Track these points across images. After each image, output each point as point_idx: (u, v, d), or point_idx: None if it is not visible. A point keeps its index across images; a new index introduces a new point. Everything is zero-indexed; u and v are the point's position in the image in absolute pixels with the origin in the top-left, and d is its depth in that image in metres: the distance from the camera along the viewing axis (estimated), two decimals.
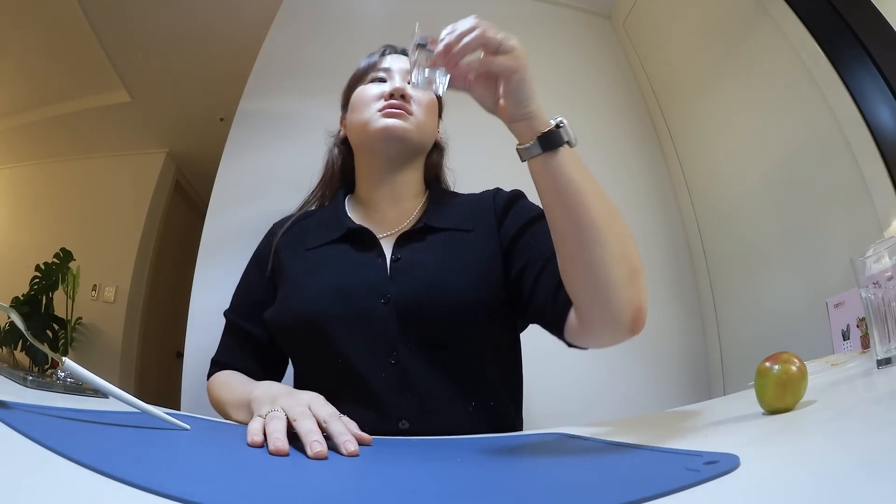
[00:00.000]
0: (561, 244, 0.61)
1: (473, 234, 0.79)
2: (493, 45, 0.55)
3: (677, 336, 1.41)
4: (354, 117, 0.84)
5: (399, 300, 0.72)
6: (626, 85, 1.65)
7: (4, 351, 2.26)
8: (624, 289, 0.58)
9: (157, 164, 2.80)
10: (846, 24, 1.08)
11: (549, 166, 0.58)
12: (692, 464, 0.36)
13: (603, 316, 0.60)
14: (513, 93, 0.56)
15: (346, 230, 0.80)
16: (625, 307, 0.59)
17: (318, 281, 0.76)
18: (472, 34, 0.54)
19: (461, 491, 0.38)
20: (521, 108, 0.57)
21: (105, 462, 0.32)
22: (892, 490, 0.28)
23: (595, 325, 0.62)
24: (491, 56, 0.54)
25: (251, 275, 0.86)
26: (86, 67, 2.19)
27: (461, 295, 0.72)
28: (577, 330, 0.64)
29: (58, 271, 2.49)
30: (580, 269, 0.60)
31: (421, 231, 0.79)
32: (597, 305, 0.60)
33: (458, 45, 0.53)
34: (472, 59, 0.55)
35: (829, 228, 1.11)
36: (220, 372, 0.81)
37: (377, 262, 0.76)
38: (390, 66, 0.86)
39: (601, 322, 0.61)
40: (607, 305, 0.59)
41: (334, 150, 0.93)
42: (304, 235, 0.84)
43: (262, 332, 0.80)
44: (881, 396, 0.59)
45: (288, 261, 0.81)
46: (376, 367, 0.70)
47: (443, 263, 0.75)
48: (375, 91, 0.83)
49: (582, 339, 0.65)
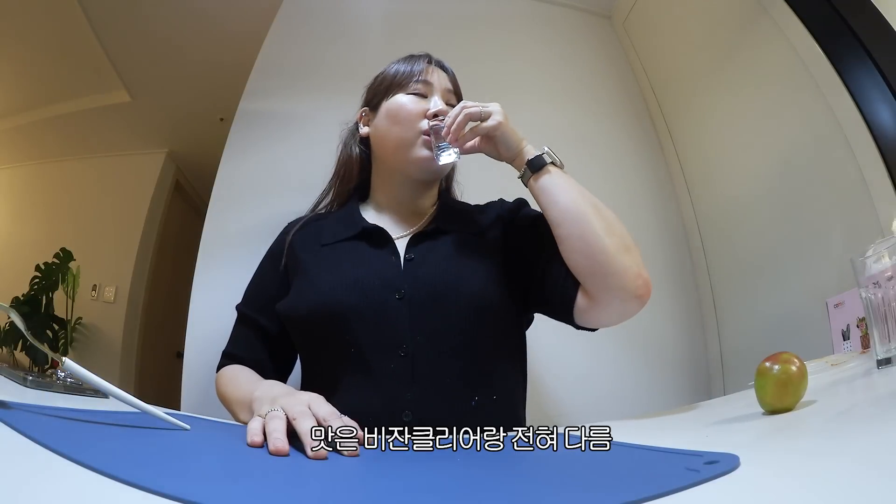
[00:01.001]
0: (559, 233, 0.73)
1: (482, 238, 0.83)
2: (477, 116, 0.76)
3: (677, 336, 1.41)
4: (392, 130, 0.84)
5: (412, 295, 0.74)
6: (626, 85, 1.65)
7: (4, 351, 2.26)
8: (620, 255, 0.70)
9: (157, 164, 2.79)
10: (846, 24, 1.08)
11: (539, 182, 0.75)
12: (692, 464, 0.36)
13: (606, 282, 0.70)
14: (501, 142, 0.77)
15: (360, 229, 0.83)
16: (626, 272, 0.69)
17: (334, 273, 0.78)
18: (460, 116, 0.75)
19: (461, 490, 0.38)
20: (512, 150, 0.78)
21: (105, 462, 0.32)
22: (893, 490, 0.28)
23: (601, 295, 0.71)
24: (479, 124, 0.76)
25: (265, 270, 0.88)
26: (86, 67, 2.18)
27: (472, 293, 0.75)
28: (586, 307, 0.73)
29: (58, 271, 2.48)
30: (577, 244, 0.72)
31: (433, 233, 0.83)
32: (598, 274, 0.70)
33: (454, 126, 0.75)
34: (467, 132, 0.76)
35: (829, 228, 1.11)
36: (228, 366, 0.82)
37: (391, 260, 0.79)
38: (434, 81, 0.86)
39: (606, 290, 0.71)
40: (608, 270, 0.70)
41: (355, 148, 0.92)
42: (319, 233, 0.85)
43: (274, 326, 0.82)
44: (881, 396, 0.59)
45: (304, 255, 0.83)
46: (386, 358, 0.72)
47: (454, 263, 0.79)
48: (417, 108, 0.83)
49: (592, 315, 0.74)
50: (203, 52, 2.11)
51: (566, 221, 0.72)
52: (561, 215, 0.73)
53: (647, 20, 1.61)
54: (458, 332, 0.74)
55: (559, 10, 1.66)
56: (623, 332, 1.29)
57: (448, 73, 0.90)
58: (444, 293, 0.75)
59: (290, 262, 0.84)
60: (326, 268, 0.79)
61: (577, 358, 1.27)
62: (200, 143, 2.41)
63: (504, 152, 0.78)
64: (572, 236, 0.72)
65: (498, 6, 1.59)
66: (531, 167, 0.76)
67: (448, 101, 0.86)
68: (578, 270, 0.72)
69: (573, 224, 0.72)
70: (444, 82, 0.87)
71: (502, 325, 0.79)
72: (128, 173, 2.77)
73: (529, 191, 0.77)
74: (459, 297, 0.74)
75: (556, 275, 0.75)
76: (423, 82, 0.85)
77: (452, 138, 0.76)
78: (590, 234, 0.71)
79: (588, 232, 0.71)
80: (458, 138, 0.76)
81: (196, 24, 2.00)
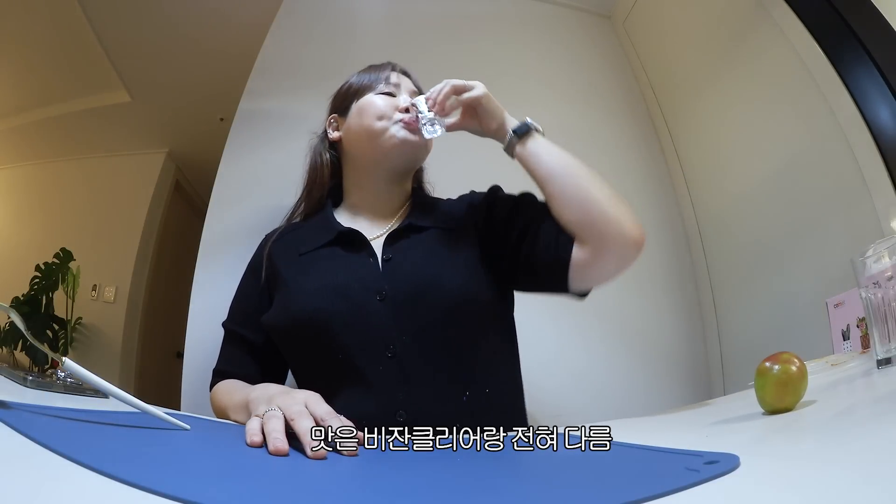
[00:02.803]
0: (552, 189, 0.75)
1: (456, 232, 0.83)
2: (460, 88, 0.78)
3: (677, 336, 1.41)
4: (365, 122, 0.85)
5: (394, 296, 0.74)
6: (626, 85, 1.65)
7: (4, 351, 2.26)
8: (612, 204, 0.72)
9: (157, 164, 2.79)
10: (846, 24, 1.08)
11: (527, 146, 0.77)
12: (692, 464, 0.36)
13: (606, 229, 0.71)
14: (485, 112, 0.79)
15: (336, 233, 0.82)
16: (623, 217, 0.72)
17: (313, 281, 0.77)
18: (445, 88, 0.78)
19: (461, 490, 0.38)
20: (495, 119, 0.79)
21: (105, 462, 0.32)
22: (892, 490, 0.28)
23: (600, 244, 0.72)
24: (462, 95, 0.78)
25: (246, 285, 0.88)
26: (86, 67, 2.18)
27: (452, 287, 0.75)
28: (584, 262, 0.73)
29: (58, 271, 2.49)
30: (572, 196, 0.73)
31: (406, 230, 0.83)
32: (598, 223, 0.72)
33: (440, 96, 0.78)
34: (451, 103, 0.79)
35: (829, 228, 1.11)
36: (221, 382, 0.81)
37: (369, 262, 0.79)
38: (399, 82, 0.89)
39: (604, 238, 0.71)
40: (606, 217, 0.71)
41: (325, 154, 0.93)
42: (296, 242, 0.85)
43: (261, 338, 0.82)
44: (881, 396, 0.59)
45: (282, 266, 0.82)
46: (374, 360, 0.72)
47: (432, 259, 0.79)
48: (390, 103, 0.85)
49: (592, 270, 0.74)
50: (203, 52, 2.11)
51: (558, 176, 0.74)
52: (552, 172, 0.74)
53: (647, 20, 1.61)
54: (442, 329, 0.74)
55: (559, 10, 1.66)
56: (623, 332, 1.30)
57: (412, 78, 0.93)
58: (424, 291, 0.74)
59: (269, 274, 0.84)
60: (306, 277, 0.79)
61: (578, 358, 1.27)
62: (200, 143, 2.41)
63: (488, 123, 0.79)
64: (566, 189, 0.73)
65: (497, 6, 1.59)
66: (517, 133, 0.77)
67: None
68: (574, 222, 0.73)
69: (566, 177, 0.74)
70: (409, 85, 0.90)
71: (487, 317, 0.79)
72: (128, 173, 2.77)
73: (516, 158, 0.78)
74: (441, 294, 0.74)
75: (547, 238, 0.76)
76: (390, 84, 0.88)
77: (438, 108, 0.78)
78: (584, 185, 0.73)
79: (582, 183, 0.73)
80: (445, 109, 0.78)
81: (196, 24, 2.00)
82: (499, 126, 0.79)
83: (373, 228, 0.85)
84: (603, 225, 0.71)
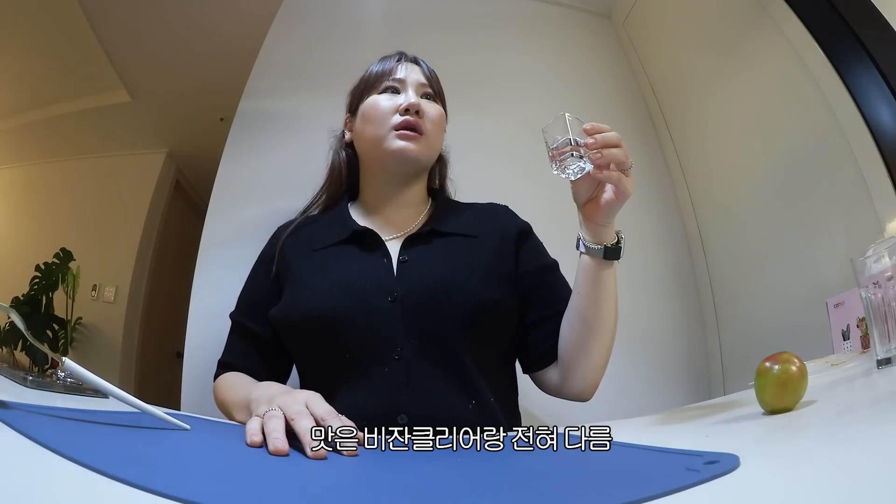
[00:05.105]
0: (581, 310, 0.74)
1: (479, 241, 0.82)
2: (625, 166, 0.67)
3: (677, 336, 1.41)
4: (367, 129, 0.85)
5: (405, 298, 0.74)
6: (626, 85, 1.64)
7: (4, 351, 2.26)
8: (606, 360, 0.77)
9: (157, 164, 2.79)
10: (846, 24, 1.08)
11: (601, 268, 0.72)
12: (692, 464, 0.36)
13: (584, 374, 0.76)
14: (613, 209, 0.69)
15: (351, 232, 0.82)
16: (600, 373, 0.76)
17: (325, 278, 0.77)
18: (619, 149, 0.66)
19: (461, 490, 0.38)
20: (608, 219, 0.71)
21: (105, 462, 0.32)
22: (892, 490, 0.28)
23: (571, 390, 0.78)
24: (622, 175, 0.67)
25: (256, 277, 0.87)
26: (86, 67, 2.18)
27: (467, 295, 0.74)
28: (550, 383, 0.80)
29: (58, 271, 2.48)
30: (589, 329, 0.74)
31: (428, 235, 0.82)
32: (578, 367, 0.76)
33: (606, 152, 0.65)
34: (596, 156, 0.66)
35: (829, 228, 1.11)
36: (225, 374, 0.81)
37: (383, 262, 0.78)
38: (405, 76, 0.86)
39: (576, 389, 0.77)
40: (594, 365, 0.76)
41: (341, 153, 0.93)
42: (309, 237, 0.85)
43: (268, 332, 0.81)
44: (881, 396, 0.59)
45: (294, 261, 0.82)
46: (380, 362, 0.71)
47: (449, 265, 0.78)
48: (390, 104, 0.83)
49: (549, 390, 0.81)
50: (203, 51, 2.11)
51: (590, 320, 0.74)
52: (599, 299, 0.73)
53: (647, 20, 1.61)
54: (452, 336, 0.73)
55: (559, 10, 1.66)
56: (623, 332, 1.29)
57: (422, 66, 0.90)
58: (438, 296, 0.74)
59: (281, 268, 0.83)
60: (318, 273, 0.79)
61: None
62: (200, 143, 2.40)
63: (602, 215, 0.70)
64: (594, 323, 0.74)
65: (497, 6, 1.59)
66: (607, 253, 0.71)
67: (423, 94, 0.86)
68: (572, 346, 0.76)
69: (602, 312, 0.74)
70: (417, 76, 0.87)
71: (501, 327, 0.79)
72: (128, 173, 2.77)
73: (586, 259, 0.73)
74: (454, 301, 0.74)
75: (546, 335, 0.79)
76: (395, 79, 0.86)
77: (597, 159, 0.65)
78: (598, 344, 0.75)
79: (599, 341, 0.75)
80: (601, 160, 0.65)
81: (196, 24, 2.00)
82: (607, 226, 0.71)
83: (389, 228, 0.84)
84: (589, 370, 0.76)
